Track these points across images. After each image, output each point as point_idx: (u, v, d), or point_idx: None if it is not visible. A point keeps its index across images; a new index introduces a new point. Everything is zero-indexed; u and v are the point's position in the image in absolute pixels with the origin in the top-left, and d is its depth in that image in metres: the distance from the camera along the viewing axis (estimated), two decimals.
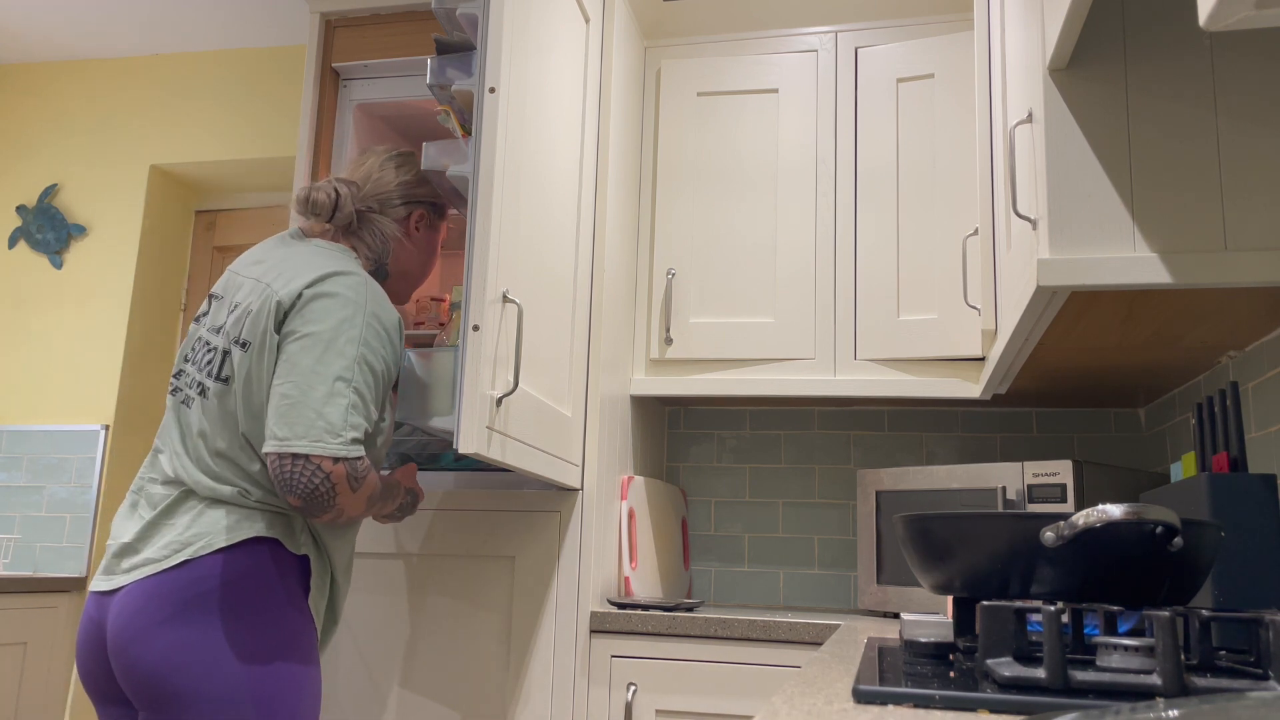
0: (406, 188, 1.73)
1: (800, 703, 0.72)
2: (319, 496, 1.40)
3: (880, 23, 2.33)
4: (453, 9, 1.83)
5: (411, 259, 1.75)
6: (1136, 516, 0.87)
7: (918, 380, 2.14)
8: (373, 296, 1.51)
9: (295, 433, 1.38)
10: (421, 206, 1.75)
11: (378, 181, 1.71)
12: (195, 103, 3.24)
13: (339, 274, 1.51)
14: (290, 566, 1.45)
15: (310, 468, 1.39)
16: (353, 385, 1.44)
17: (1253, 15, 0.69)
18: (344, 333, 1.45)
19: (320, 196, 1.64)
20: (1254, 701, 0.46)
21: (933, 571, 1.01)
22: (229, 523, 1.42)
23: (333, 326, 1.45)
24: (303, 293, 1.48)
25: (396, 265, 1.72)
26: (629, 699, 1.88)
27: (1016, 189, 1.50)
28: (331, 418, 1.40)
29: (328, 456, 1.39)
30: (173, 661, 1.34)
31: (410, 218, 1.74)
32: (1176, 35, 1.27)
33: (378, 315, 1.51)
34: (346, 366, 1.43)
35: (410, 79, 2.33)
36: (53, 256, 3.20)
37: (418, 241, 1.75)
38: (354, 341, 1.45)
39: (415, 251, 1.75)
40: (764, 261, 2.28)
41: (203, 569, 1.39)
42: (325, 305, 1.46)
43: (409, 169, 1.75)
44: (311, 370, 1.42)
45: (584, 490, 1.97)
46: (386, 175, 1.72)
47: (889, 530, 2.11)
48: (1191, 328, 1.51)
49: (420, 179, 1.76)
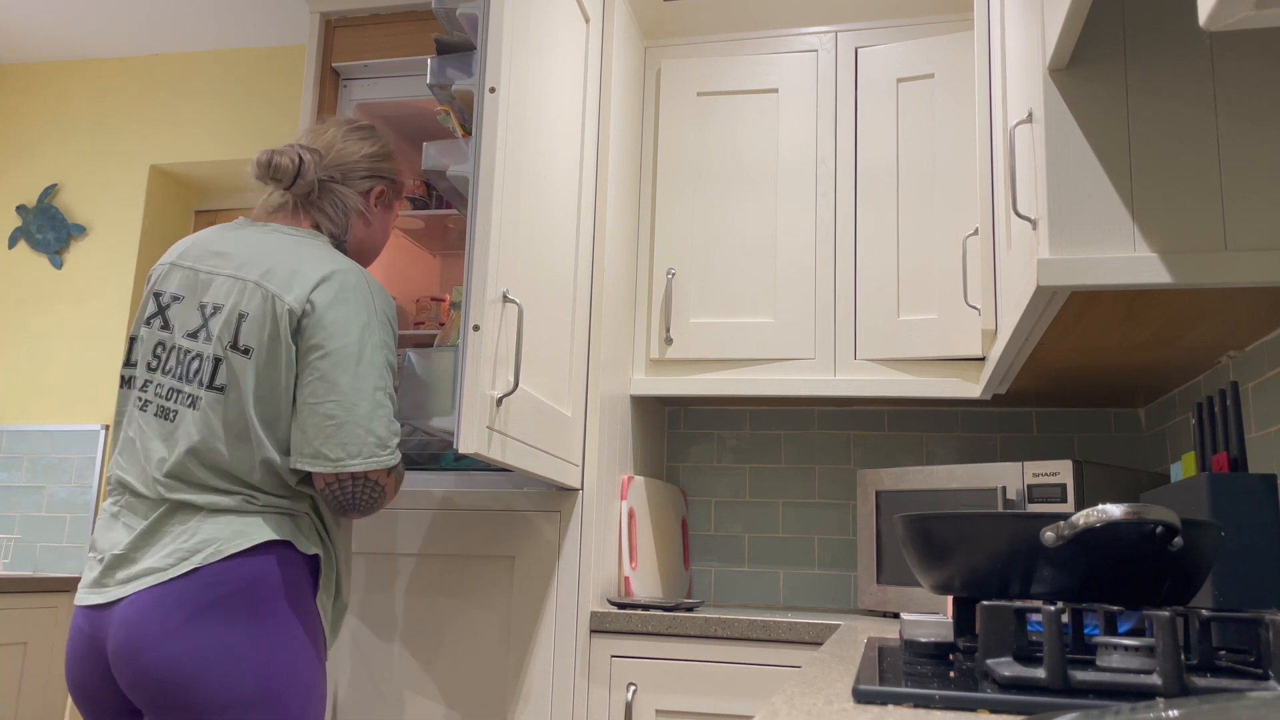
0: (371, 160, 1.68)
1: (800, 703, 0.72)
2: (373, 503, 1.48)
3: (880, 23, 2.33)
4: (453, 9, 1.83)
5: (368, 235, 1.70)
6: (1136, 516, 0.87)
7: (918, 380, 2.14)
8: (375, 290, 1.52)
9: (349, 452, 1.41)
10: (383, 182, 1.70)
11: (341, 151, 1.65)
12: (195, 103, 3.24)
13: (340, 272, 1.49)
14: (301, 567, 1.45)
15: (369, 485, 1.44)
16: (387, 392, 1.48)
17: (1253, 15, 0.69)
18: (368, 340, 1.46)
19: (284, 161, 1.58)
20: (1254, 701, 0.46)
21: (933, 571, 1.01)
22: (237, 528, 1.40)
23: (358, 337, 1.45)
24: (313, 299, 1.45)
25: (354, 241, 1.68)
26: (629, 699, 1.88)
27: (1016, 189, 1.50)
28: (380, 432, 1.44)
29: (383, 470, 1.45)
30: (189, 668, 1.32)
31: (371, 192, 1.68)
32: (1176, 35, 1.27)
33: (385, 311, 1.52)
34: (380, 375, 1.46)
35: (410, 79, 2.33)
36: (53, 256, 3.20)
37: (376, 218, 1.70)
38: (379, 347, 1.47)
39: (373, 228, 1.70)
40: (764, 261, 2.28)
41: (214, 575, 1.37)
42: (344, 314, 1.46)
43: (374, 142, 1.70)
44: (351, 387, 1.43)
45: (584, 490, 1.97)
46: (350, 146, 1.67)
47: (889, 530, 2.11)
48: (1191, 328, 1.51)
49: (384, 153, 1.71)
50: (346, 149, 1.66)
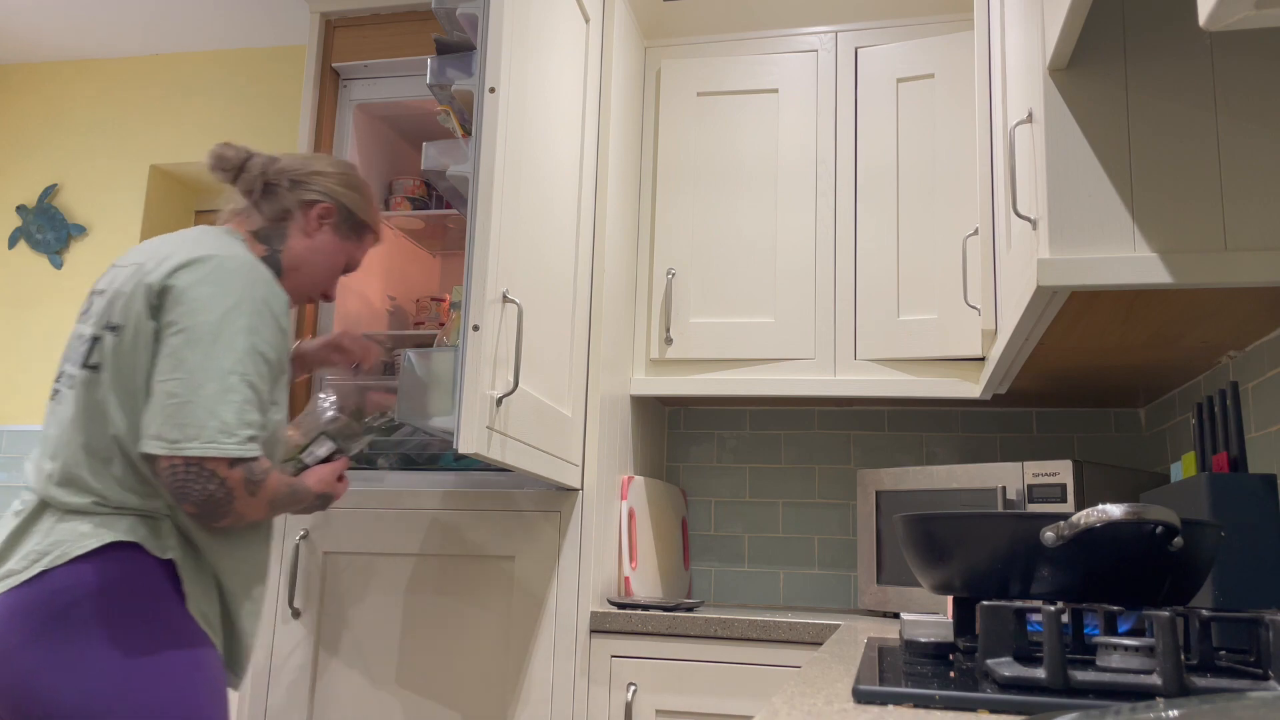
0: (323, 177, 1.59)
1: (800, 703, 0.72)
2: (215, 503, 1.32)
3: (880, 23, 2.33)
4: (453, 9, 1.83)
5: (307, 253, 1.58)
6: (1136, 516, 0.87)
7: (918, 380, 2.14)
8: (260, 279, 1.41)
9: (187, 435, 1.29)
10: (330, 202, 1.59)
11: (298, 161, 1.59)
12: (195, 103, 3.24)
13: (217, 257, 1.39)
14: (155, 573, 1.34)
15: (205, 474, 1.30)
16: (246, 379, 1.34)
17: (1253, 15, 0.69)
18: (232, 322, 1.34)
19: (229, 153, 1.53)
20: (1254, 701, 0.46)
21: (933, 571, 1.01)
22: (85, 529, 1.31)
23: (219, 316, 1.34)
24: (178, 273, 1.36)
25: (290, 254, 1.57)
26: (629, 699, 1.88)
27: (1016, 189, 1.50)
28: (226, 417, 1.31)
29: (223, 459, 1.30)
30: (39, 684, 1.25)
31: (315, 206, 1.58)
32: (1176, 35, 1.27)
33: (267, 300, 1.40)
34: (239, 360, 1.33)
35: (410, 79, 2.33)
36: (53, 256, 3.20)
37: (318, 238, 1.58)
38: (244, 332, 1.35)
39: (311, 249, 1.58)
40: (764, 261, 2.28)
41: (60, 580, 1.29)
42: (207, 293, 1.35)
43: (340, 168, 1.62)
44: (200, 366, 1.31)
45: (584, 490, 1.97)
46: (313, 164, 1.60)
47: (889, 530, 2.11)
48: (1191, 328, 1.51)
49: (345, 180, 1.62)
50: (307, 164, 1.60)
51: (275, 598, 2.05)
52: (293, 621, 2.03)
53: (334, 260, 1.62)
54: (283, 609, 2.04)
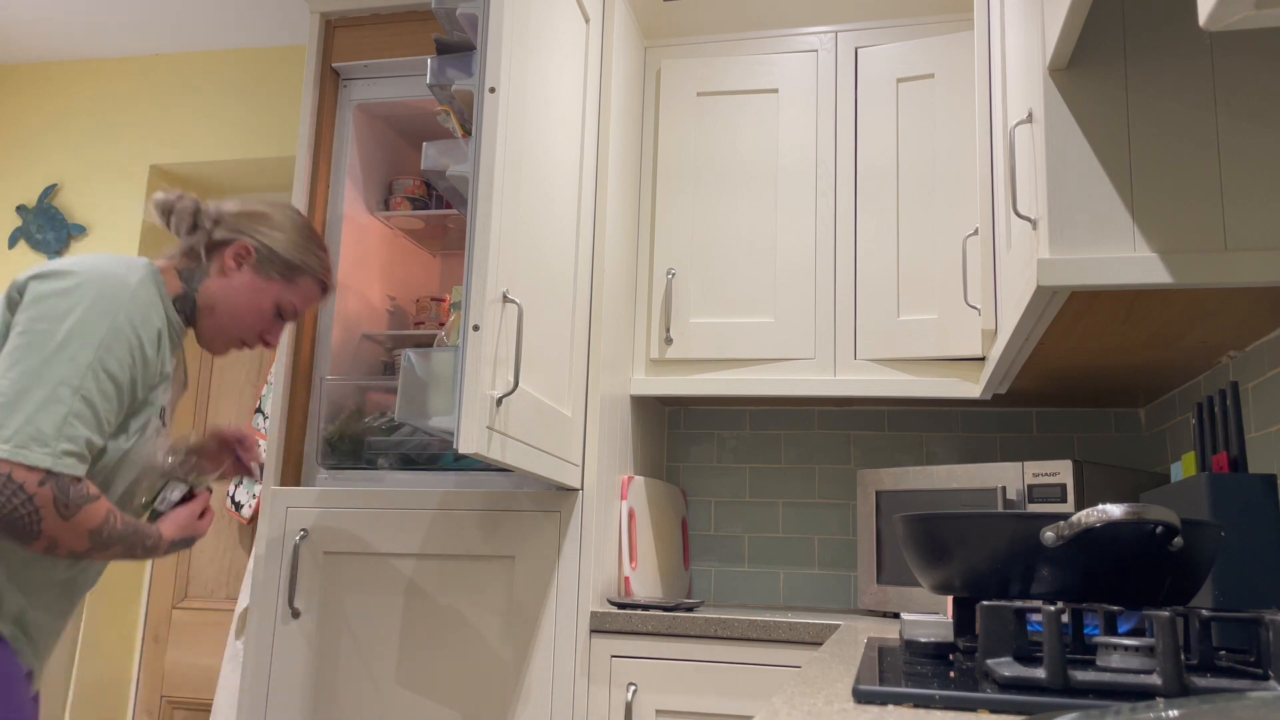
0: (252, 220, 1.56)
1: (800, 703, 0.72)
2: (20, 520, 1.22)
3: (880, 23, 2.33)
4: (453, 9, 1.83)
5: (223, 293, 1.53)
6: (1136, 516, 0.87)
7: (918, 380, 2.14)
8: (131, 301, 1.35)
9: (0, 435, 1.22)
10: (247, 240, 1.54)
11: (238, 205, 1.57)
12: (195, 103, 3.24)
13: (89, 270, 1.34)
14: None
15: (12, 485, 1.21)
16: (80, 394, 1.27)
17: (1253, 15, 0.69)
18: (80, 335, 1.29)
19: (161, 195, 1.53)
20: (1254, 701, 0.46)
21: (933, 571, 1.01)
22: None
23: (68, 326, 1.29)
24: (43, 279, 1.32)
25: (205, 293, 1.53)
26: (629, 699, 1.88)
27: (1016, 189, 1.50)
28: (44, 426, 1.23)
29: (28, 466, 1.22)
30: None
31: (233, 245, 1.53)
32: (1176, 35, 1.27)
33: (131, 322, 1.34)
34: (76, 372, 1.27)
35: (410, 79, 2.33)
36: (53, 256, 3.20)
37: (234, 279, 1.53)
38: (91, 346, 1.29)
39: (226, 289, 1.53)
40: (764, 261, 2.28)
41: None
42: (64, 303, 1.30)
43: (277, 215, 1.58)
44: (33, 371, 1.26)
45: (584, 490, 1.97)
46: (249, 206, 1.57)
47: (889, 530, 2.11)
48: (1191, 328, 1.51)
49: (279, 224, 1.57)
50: (242, 205, 1.57)
51: (276, 597, 2.05)
52: (293, 621, 2.03)
53: (255, 301, 1.55)
54: (283, 609, 2.04)
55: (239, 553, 3.04)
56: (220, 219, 1.55)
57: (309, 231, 1.61)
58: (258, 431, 2.97)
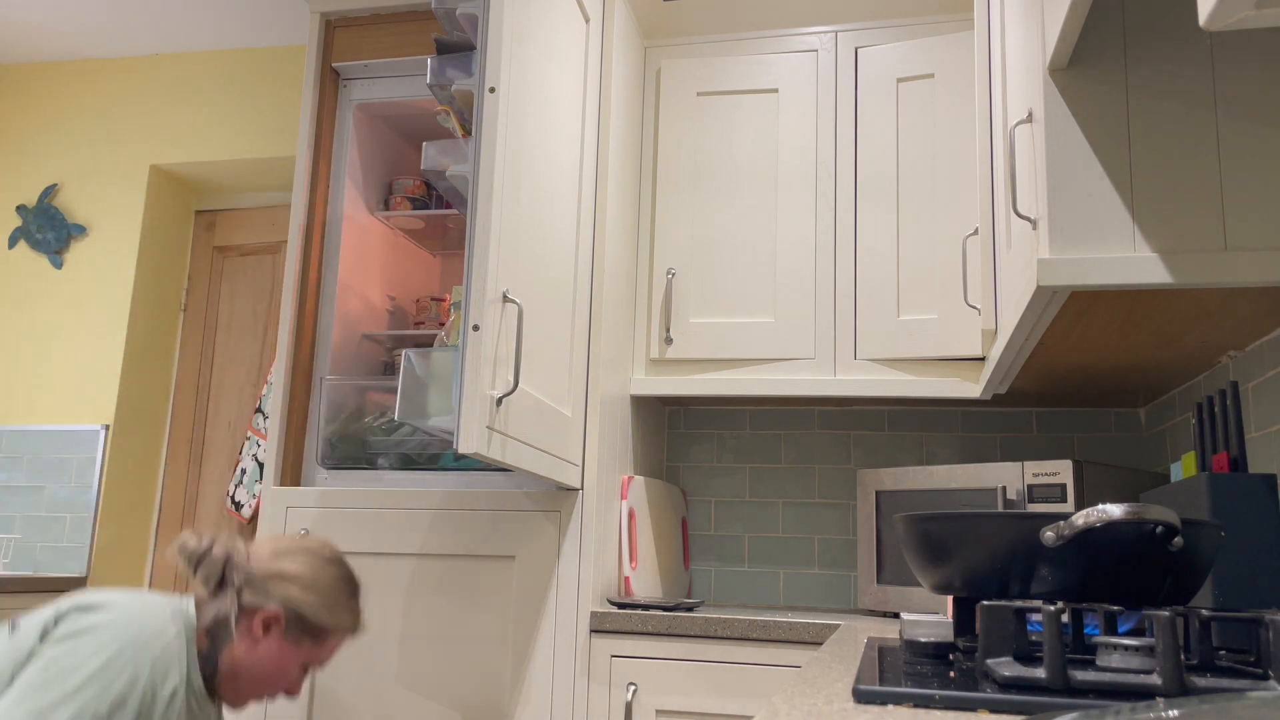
0: (284, 582, 1.49)
1: (800, 703, 0.72)
2: None
3: (880, 23, 2.33)
4: (453, 9, 1.83)
5: (249, 660, 1.48)
6: (1136, 516, 0.87)
7: (918, 380, 2.14)
8: (164, 653, 1.34)
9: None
10: (278, 608, 1.48)
11: (267, 559, 1.51)
12: (195, 103, 3.24)
13: (130, 614, 1.35)
14: None
15: None
16: None
17: (1253, 15, 0.69)
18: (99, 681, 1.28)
19: (191, 542, 1.49)
20: (1254, 701, 0.46)
21: (933, 571, 1.01)
22: None
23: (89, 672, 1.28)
24: (83, 610, 1.33)
25: (229, 659, 1.47)
26: (629, 699, 1.88)
27: (1016, 189, 1.50)
28: None
29: None
30: None
31: (261, 613, 1.48)
32: (1176, 35, 1.27)
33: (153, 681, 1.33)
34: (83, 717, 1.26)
35: (410, 79, 2.33)
36: (53, 256, 3.20)
37: (261, 647, 1.48)
38: (106, 699, 1.28)
39: (253, 657, 1.48)
40: (764, 261, 2.28)
41: None
42: (92, 646, 1.30)
43: (309, 572, 1.52)
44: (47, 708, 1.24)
45: (584, 490, 1.97)
46: (279, 563, 1.51)
47: (889, 530, 2.11)
48: (1191, 328, 1.51)
49: (312, 584, 1.51)
50: (271, 561, 1.51)
51: None
52: None
53: (283, 666, 1.51)
54: None
55: None
56: (250, 579, 1.49)
57: (343, 584, 1.55)
58: (258, 432, 2.97)
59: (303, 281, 2.22)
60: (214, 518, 3.07)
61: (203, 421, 3.17)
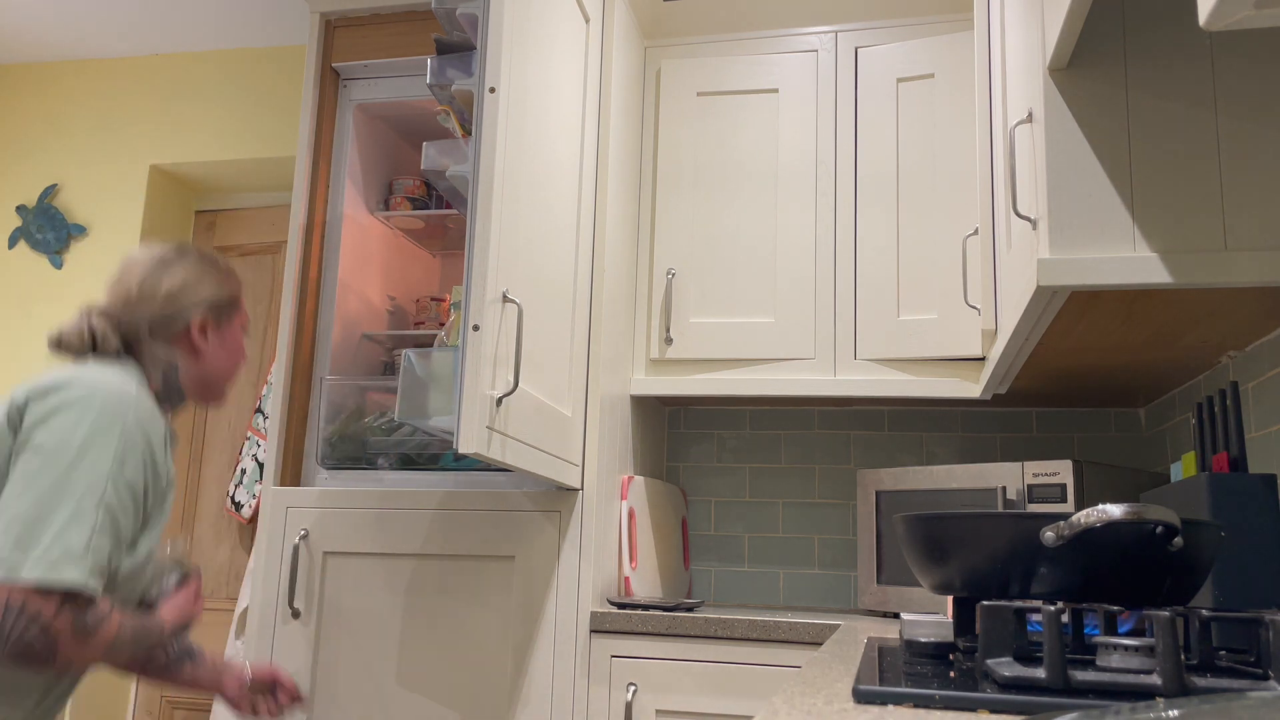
0: (172, 301, 1.50)
1: (800, 703, 0.72)
2: (33, 650, 1.20)
3: (880, 23, 2.33)
4: (453, 9, 1.83)
5: (204, 368, 1.53)
6: (1136, 516, 0.87)
7: (918, 380, 2.14)
8: (138, 406, 1.35)
9: (30, 556, 1.20)
10: (198, 311, 1.51)
11: (140, 302, 1.49)
12: (195, 103, 3.24)
13: (87, 381, 1.33)
14: None
15: (23, 619, 1.19)
16: (103, 506, 1.26)
17: (1253, 15, 0.69)
18: (97, 445, 1.28)
19: (71, 337, 1.44)
20: (1254, 701, 0.46)
21: (933, 571, 1.01)
22: None
23: (83, 438, 1.28)
24: (44, 396, 1.31)
25: (192, 381, 1.52)
26: (629, 699, 1.88)
27: (1016, 189, 1.50)
28: (72, 541, 1.22)
29: (53, 594, 1.21)
30: None
31: (190, 330, 1.50)
32: (1176, 35, 1.27)
33: (142, 427, 1.34)
34: (98, 483, 1.27)
35: (410, 79, 2.33)
36: (53, 256, 3.20)
37: (209, 348, 1.53)
38: (108, 456, 1.28)
39: (210, 359, 1.54)
40: (764, 261, 2.28)
41: None
42: (73, 416, 1.29)
43: (177, 271, 1.52)
44: (55, 486, 1.24)
45: (584, 490, 1.97)
46: (148, 289, 1.49)
47: (889, 530, 2.11)
48: (1191, 328, 1.51)
49: (192, 279, 1.53)
50: (144, 294, 1.49)
51: (275, 597, 2.05)
52: (292, 621, 2.03)
53: (233, 346, 1.58)
54: (283, 609, 2.04)
55: (239, 553, 3.04)
56: (155, 319, 1.49)
57: (204, 259, 1.57)
58: (258, 432, 2.97)
59: (303, 281, 2.22)
60: (214, 517, 3.07)
61: (202, 421, 3.17)
